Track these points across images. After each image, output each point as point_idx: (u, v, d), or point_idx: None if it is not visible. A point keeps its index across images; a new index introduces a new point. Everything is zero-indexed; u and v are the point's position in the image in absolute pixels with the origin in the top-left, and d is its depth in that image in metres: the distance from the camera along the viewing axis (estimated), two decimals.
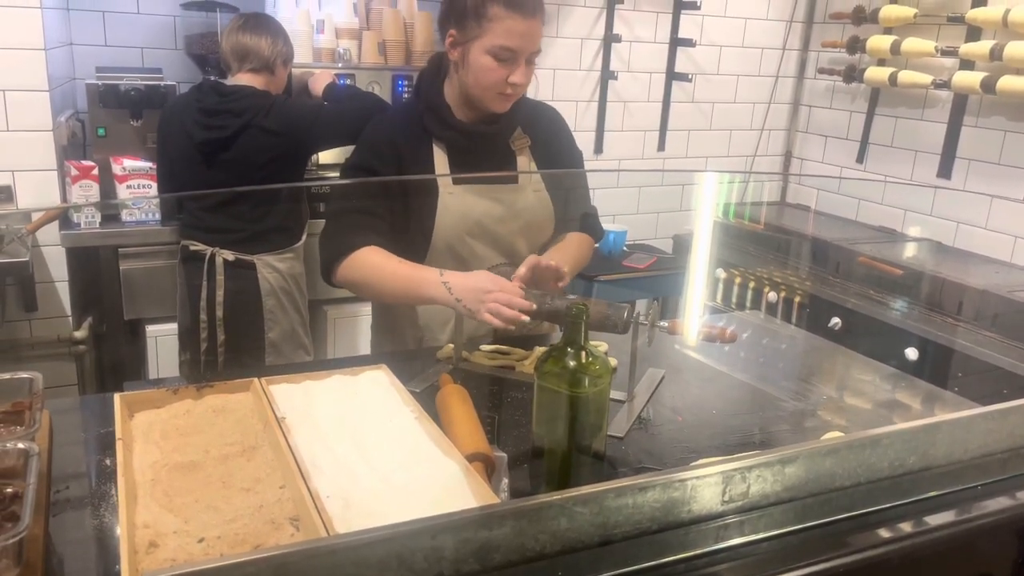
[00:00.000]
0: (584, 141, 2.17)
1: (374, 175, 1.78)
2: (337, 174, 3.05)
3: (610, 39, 3.37)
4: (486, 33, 1.66)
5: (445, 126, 1.78)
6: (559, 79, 3.33)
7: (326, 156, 3.02)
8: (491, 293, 1.56)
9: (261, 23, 2.53)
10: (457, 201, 1.79)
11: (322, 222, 2.91)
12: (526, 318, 1.55)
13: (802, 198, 3.98)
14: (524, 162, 1.86)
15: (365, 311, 3.06)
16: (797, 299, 3.06)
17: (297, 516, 1.04)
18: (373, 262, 1.71)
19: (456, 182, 1.78)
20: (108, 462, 1.22)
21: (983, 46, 2.91)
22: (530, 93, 1.84)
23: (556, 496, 0.92)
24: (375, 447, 1.21)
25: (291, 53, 2.60)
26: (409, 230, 1.79)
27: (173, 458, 1.17)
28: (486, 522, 0.90)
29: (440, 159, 1.79)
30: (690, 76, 3.60)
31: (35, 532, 0.98)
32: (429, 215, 1.77)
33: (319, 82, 2.76)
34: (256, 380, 1.39)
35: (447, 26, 1.73)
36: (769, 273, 3.22)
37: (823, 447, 1.09)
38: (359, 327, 3.06)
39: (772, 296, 3.12)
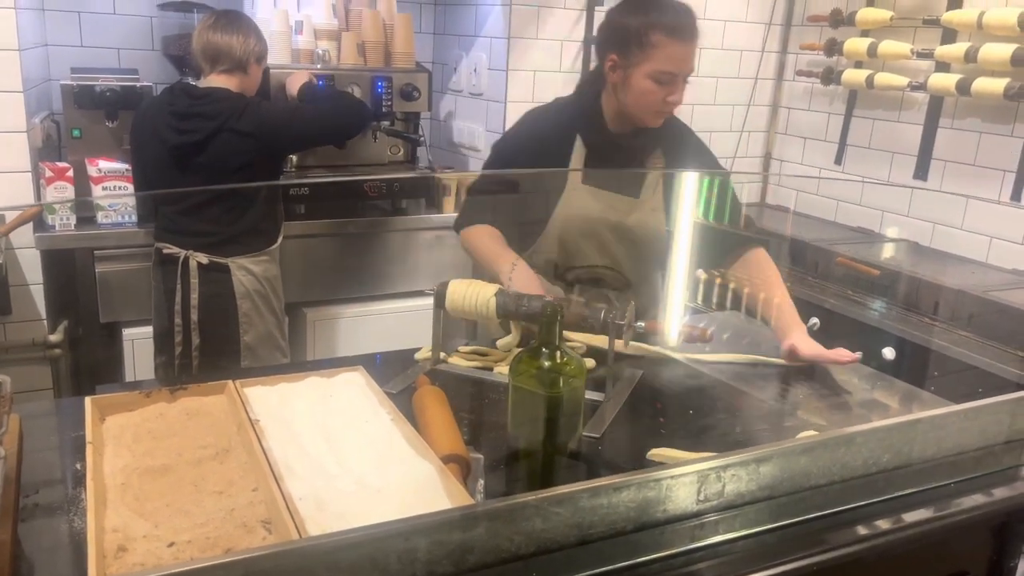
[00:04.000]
0: None
1: (512, 162, 1.98)
2: (314, 176, 3.04)
3: (590, 41, 3.36)
4: (648, 59, 1.79)
5: (593, 131, 1.93)
6: (539, 81, 3.33)
7: (304, 158, 3.00)
8: None
9: (232, 21, 2.47)
10: (579, 199, 1.95)
11: (299, 224, 2.94)
12: None
13: (781, 199, 4.00)
14: (653, 180, 1.98)
15: (344, 313, 3.06)
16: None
17: (269, 519, 1.03)
18: (478, 236, 1.94)
19: (585, 181, 1.95)
20: (79, 466, 1.20)
21: (958, 48, 2.93)
22: (510, 95, 1.89)
23: (530, 497, 0.92)
24: (349, 449, 1.20)
25: (264, 50, 2.55)
26: (528, 215, 1.98)
27: (144, 462, 1.16)
28: (460, 523, 0.89)
29: (578, 157, 1.94)
30: None
31: (2, 537, 0.96)
32: (550, 205, 1.94)
33: (295, 82, 2.74)
34: (230, 383, 1.38)
35: (607, 51, 1.86)
36: (747, 273, 3.23)
37: (797, 446, 1.09)
38: (339, 329, 3.04)
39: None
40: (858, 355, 1.78)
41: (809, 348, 1.81)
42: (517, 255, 1.84)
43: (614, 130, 1.93)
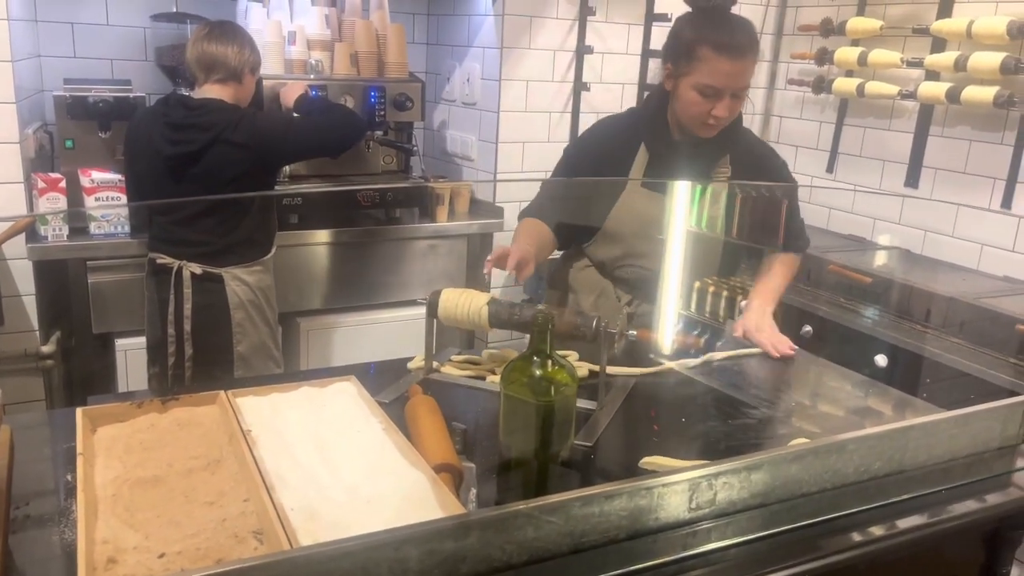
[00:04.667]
0: (557, 153, 2.20)
1: (577, 166, 2.08)
2: (307, 185, 3.04)
3: (582, 51, 3.38)
4: (694, 71, 1.85)
5: (657, 138, 1.99)
6: (532, 90, 3.34)
7: (297, 167, 3.01)
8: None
9: (227, 32, 2.48)
10: (637, 201, 2.04)
11: (292, 233, 2.95)
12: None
13: None
14: (713, 189, 2.05)
15: (338, 322, 3.06)
16: (769, 308, 3.07)
17: (261, 529, 1.03)
18: (522, 226, 2.02)
19: (644, 185, 2.03)
20: (70, 478, 1.20)
21: (948, 57, 2.95)
22: (503, 104, 1.89)
23: (521, 505, 0.92)
24: (341, 459, 1.20)
25: (259, 60, 2.55)
26: (589, 214, 2.07)
27: (135, 473, 1.15)
28: (452, 533, 0.89)
29: (640, 162, 2.01)
30: None
31: None
32: (608, 206, 2.03)
33: (291, 93, 2.74)
34: (223, 393, 1.38)
35: (665, 59, 1.95)
36: (742, 282, 3.24)
37: (789, 453, 1.09)
38: (332, 338, 3.04)
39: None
40: (792, 352, 1.85)
41: (750, 323, 1.91)
42: (532, 248, 1.88)
43: (678, 138, 1.98)
